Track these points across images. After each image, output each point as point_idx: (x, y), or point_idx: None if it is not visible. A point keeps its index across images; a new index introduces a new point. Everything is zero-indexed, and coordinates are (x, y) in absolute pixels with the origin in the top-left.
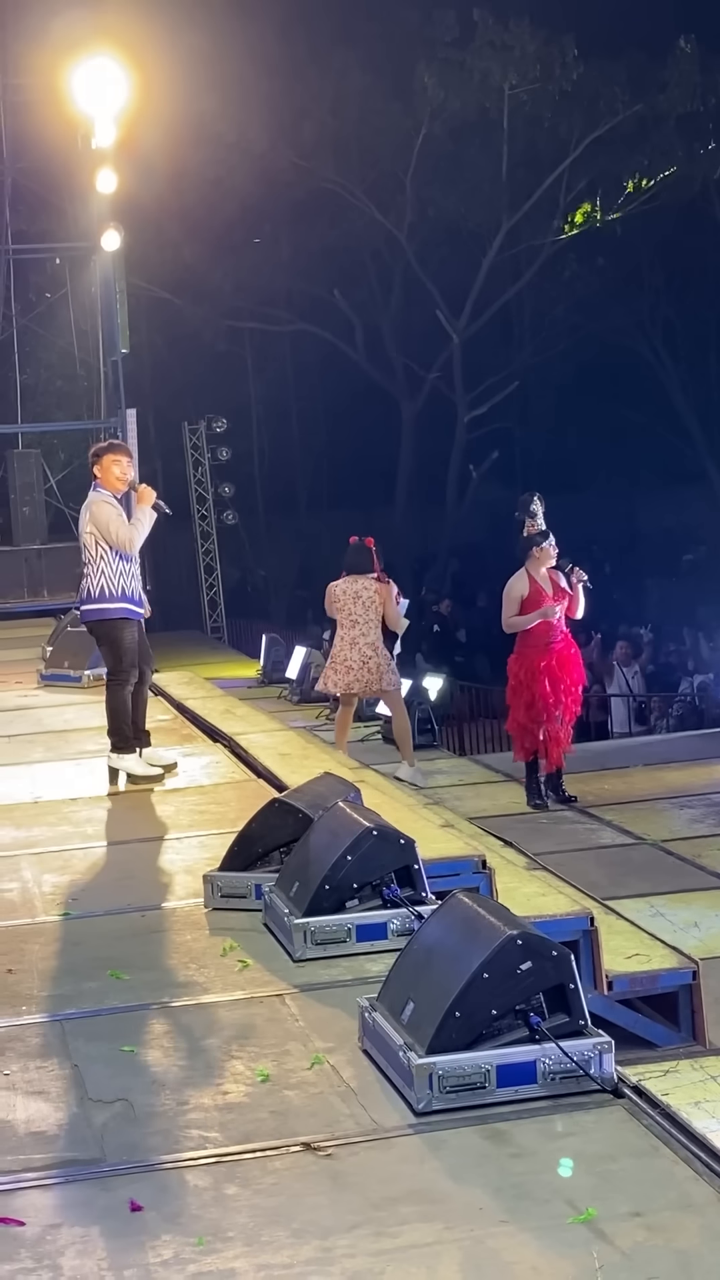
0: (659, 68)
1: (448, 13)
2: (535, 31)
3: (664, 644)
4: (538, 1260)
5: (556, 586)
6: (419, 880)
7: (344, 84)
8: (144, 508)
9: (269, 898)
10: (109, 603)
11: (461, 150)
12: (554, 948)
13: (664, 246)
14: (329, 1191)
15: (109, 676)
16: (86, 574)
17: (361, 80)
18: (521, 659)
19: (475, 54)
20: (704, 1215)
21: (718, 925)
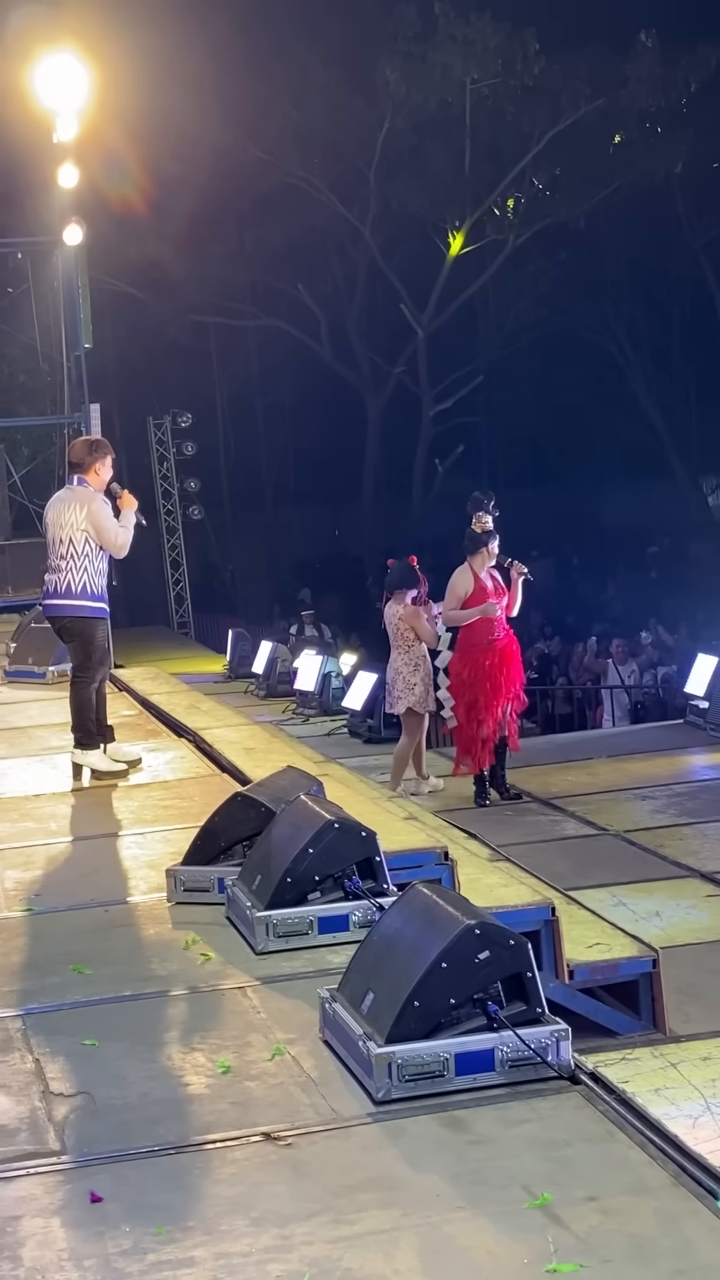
0: (620, 62)
1: (409, 7)
2: (497, 26)
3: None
4: (494, 1245)
5: (497, 584)
6: (380, 872)
7: (306, 78)
8: (128, 512)
9: (232, 891)
10: (90, 600)
11: (424, 144)
12: (511, 937)
13: (627, 240)
14: (289, 1180)
15: (77, 673)
16: (64, 569)
17: (324, 75)
18: (465, 658)
19: (437, 48)
20: (658, 1199)
21: (679, 914)
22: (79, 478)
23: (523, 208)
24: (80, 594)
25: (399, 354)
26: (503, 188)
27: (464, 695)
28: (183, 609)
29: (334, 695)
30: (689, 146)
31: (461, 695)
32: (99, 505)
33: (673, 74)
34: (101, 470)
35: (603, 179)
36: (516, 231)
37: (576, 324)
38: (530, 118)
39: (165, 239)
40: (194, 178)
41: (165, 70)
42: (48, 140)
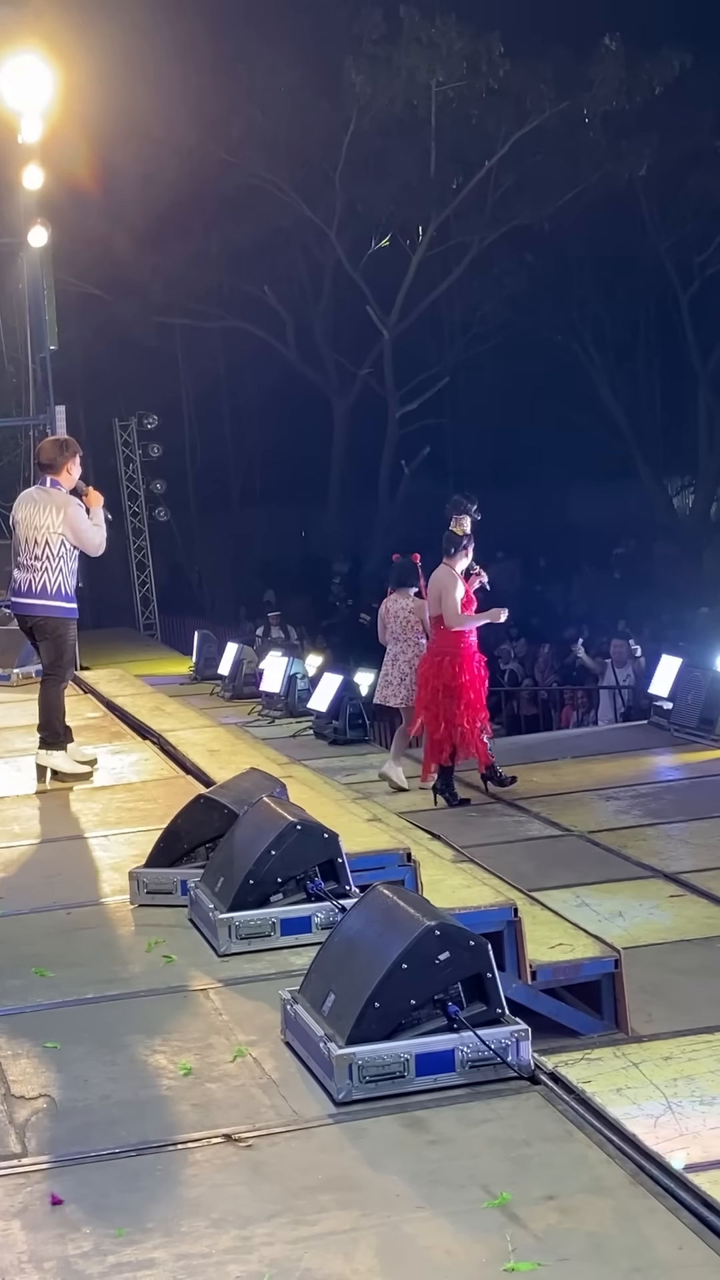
0: (585, 66)
1: (375, 10)
2: (462, 29)
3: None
4: (452, 1244)
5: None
6: (343, 874)
7: (272, 80)
8: (97, 509)
9: (194, 893)
10: (64, 601)
11: (389, 147)
12: (471, 937)
13: (592, 243)
14: (249, 1181)
15: (48, 673)
16: (38, 569)
17: (289, 77)
18: (463, 662)
19: (402, 51)
20: (616, 1198)
21: (642, 914)
22: (51, 479)
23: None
24: (55, 594)
25: (365, 356)
26: (468, 190)
27: (462, 696)
28: (149, 611)
29: (300, 697)
30: (653, 149)
31: (458, 698)
32: (75, 509)
33: (637, 77)
34: (72, 470)
35: (568, 181)
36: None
37: (542, 326)
38: (495, 120)
39: (131, 241)
40: (159, 179)
41: (130, 72)
42: (12, 141)
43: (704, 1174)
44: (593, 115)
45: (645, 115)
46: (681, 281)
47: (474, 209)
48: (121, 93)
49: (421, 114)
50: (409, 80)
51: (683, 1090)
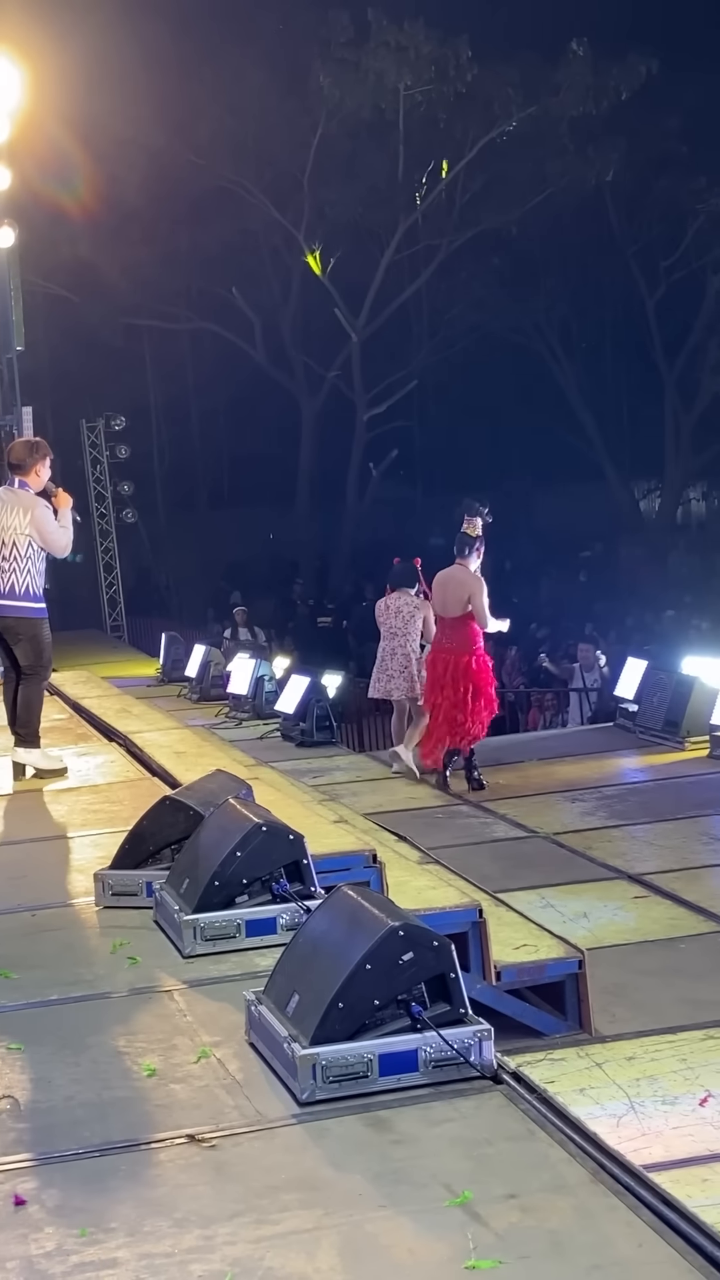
0: (552, 70)
1: (342, 13)
2: (429, 33)
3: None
4: (414, 1243)
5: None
6: (308, 875)
7: (240, 83)
8: (65, 511)
9: (159, 895)
10: (33, 601)
11: (358, 150)
12: (435, 938)
13: (559, 247)
14: (212, 1182)
15: (29, 671)
16: (7, 570)
17: (258, 79)
18: (481, 659)
19: (370, 55)
20: (576, 1196)
21: (606, 915)
22: (20, 480)
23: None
24: (24, 595)
25: (333, 358)
26: (435, 194)
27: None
28: (116, 612)
29: (267, 699)
30: (620, 154)
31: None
32: (42, 511)
33: (604, 82)
34: (41, 471)
35: (535, 186)
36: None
37: (510, 329)
38: (463, 124)
39: (99, 242)
40: (128, 180)
41: (99, 73)
42: None
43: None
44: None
45: (612, 120)
46: (648, 286)
47: (442, 212)
48: (89, 93)
49: (389, 117)
50: (377, 83)
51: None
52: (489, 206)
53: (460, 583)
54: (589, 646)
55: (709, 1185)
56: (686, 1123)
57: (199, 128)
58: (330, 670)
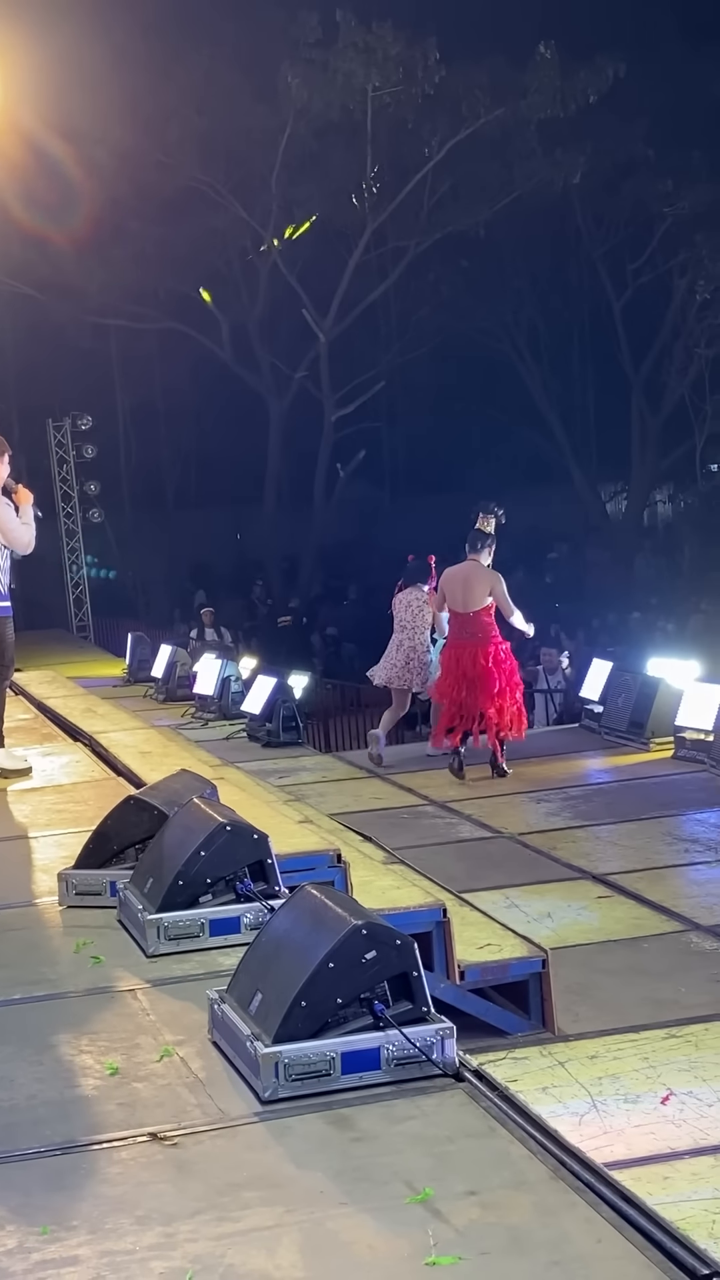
0: (520, 73)
1: (311, 14)
2: (397, 34)
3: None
4: (374, 1239)
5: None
6: (272, 874)
7: (209, 83)
8: (26, 507)
9: (123, 894)
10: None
11: (326, 151)
12: (397, 937)
13: (527, 250)
14: (174, 1179)
15: None
16: None
17: (226, 79)
18: (506, 648)
19: (338, 55)
20: (536, 1192)
21: (570, 915)
22: None
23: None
24: None
25: (301, 358)
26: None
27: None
28: (82, 612)
29: (233, 699)
30: (588, 157)
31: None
32: (2, 508)
33: (571, 86)
34: (1, 469)
35: (503, 188)
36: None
37: (477, 331)
38: (431, 126)
39: (66, 241)
40: (95, 179)
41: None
42: None
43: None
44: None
45: (580, 123)
46: (615, 289)
47: (410, 213)
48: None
49: (358, 118)
50: (345, 84)
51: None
52: (457, 208)
53: (480, 578)
54: (552, 651)
55: (670, 1183)
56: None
57: (168, 128)
58: (296, 671)
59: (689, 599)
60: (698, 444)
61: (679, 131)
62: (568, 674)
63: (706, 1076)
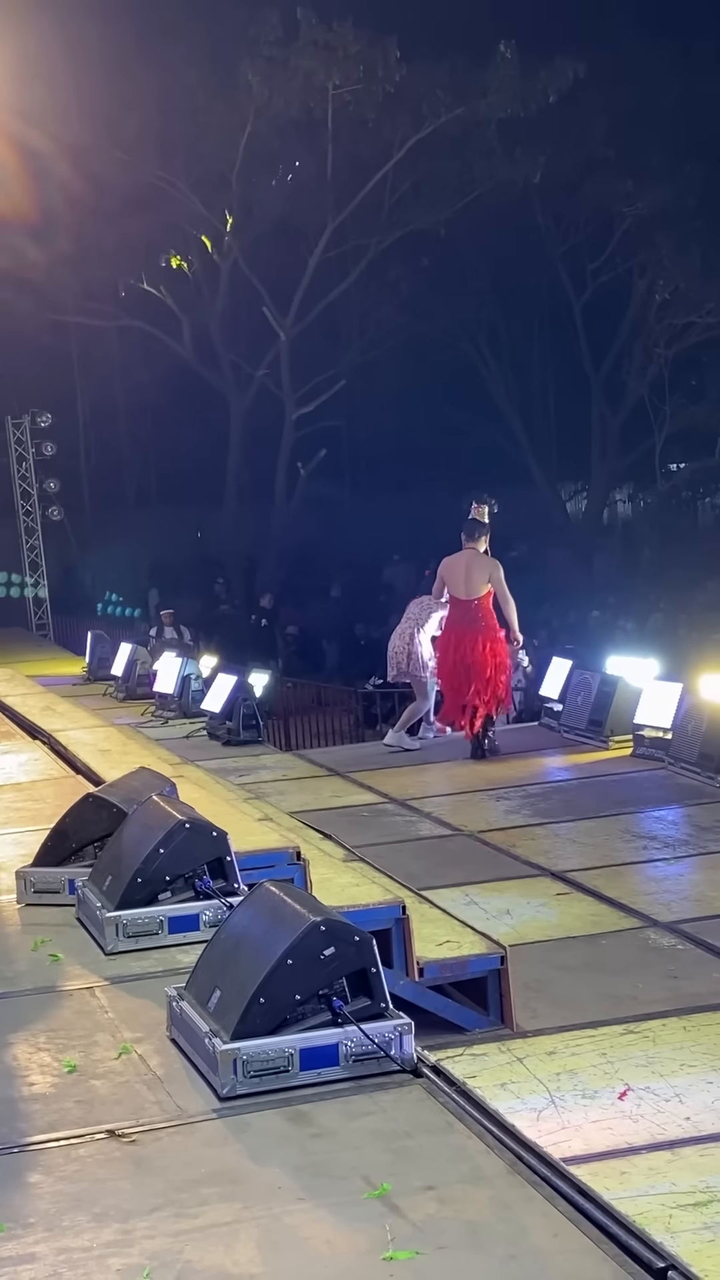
0: (480, 72)
1: (272, 12)
2: (358, 33)
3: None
4: (332, 1235)
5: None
6: (231, 872)
7: (169, 79)
8: None
9: (82, 892)
10: None
11: (287, 149)
12: (356, 933)
13: (487, 249)
14: (132, 1176)
15: None
16: None
17: (186, 76)
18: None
19: (299, 53)
20: (494, 1187)
21: (529, 912)
22: None
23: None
24: None
25: (262, 357)
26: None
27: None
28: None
29: (193, 698)
30: (548, 157)
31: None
32: None
33: (532, 85)
34: None
35: (463, 187)
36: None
37: (438, 330)
38: (392, 125)
39: (25, 237)
40: (54, 176)
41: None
42: None
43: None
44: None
45: (540, 123)
46: (575, 288)
47: (371, 212)
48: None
49: (318, 116)
50: (306, 83)
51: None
52: (418, 207)
53: (481, 564)
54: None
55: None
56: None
57: (127, 124)
58: (257, 669)
59: (648, 597)
60: (657, 444)
61: (638, 132)
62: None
63: (663, 1072)
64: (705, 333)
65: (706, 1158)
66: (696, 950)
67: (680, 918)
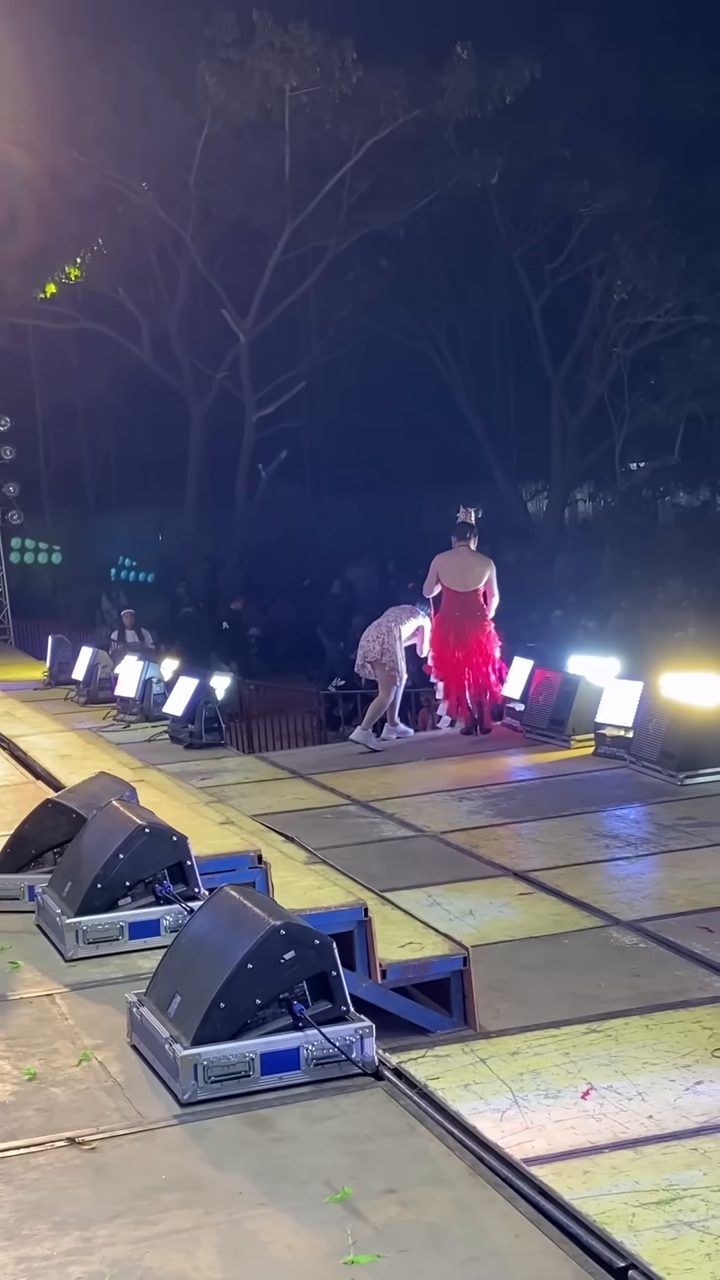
0: (437, 73)
1: (228, 13)
2: (315, 34)
3: None
4: (293, 1239)
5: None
6: (191, 876)
7: (125, 82)
8: None
9: (42, 899)
10: None
11: (244, 151)
12: (316, 937)
13: (446, 250)
14: (92, 1184)
15: None
16: None
17: (143, 78)
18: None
19: (255, 55)
20: (455, 1189)
21: (492, 912)
22: None
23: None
24: None
25: (221, 359)
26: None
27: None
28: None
29: (155, 701)
30: (505, 158)
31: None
32: None
33: (488, 86)
34: None
35: (421, 188)
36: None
37: (397, 331)
38: (349, 126)
39: None
40: (9, 179)
41: None
42: None
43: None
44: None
45: (497, 124)
46: (534, 289)
47: (329, 213)
48: None
49: (276, 118)
50: (262, 84)
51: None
52: (376, 208)
53: (477, 559)
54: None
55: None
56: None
57: (83, 126)
58: (219, 672)
59: (610, 596)
60: (616, 443)
61: (595, 133)
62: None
63: (626, 1070)
64: (663, 332)
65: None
66: (658, 948)
67: (642, 916)
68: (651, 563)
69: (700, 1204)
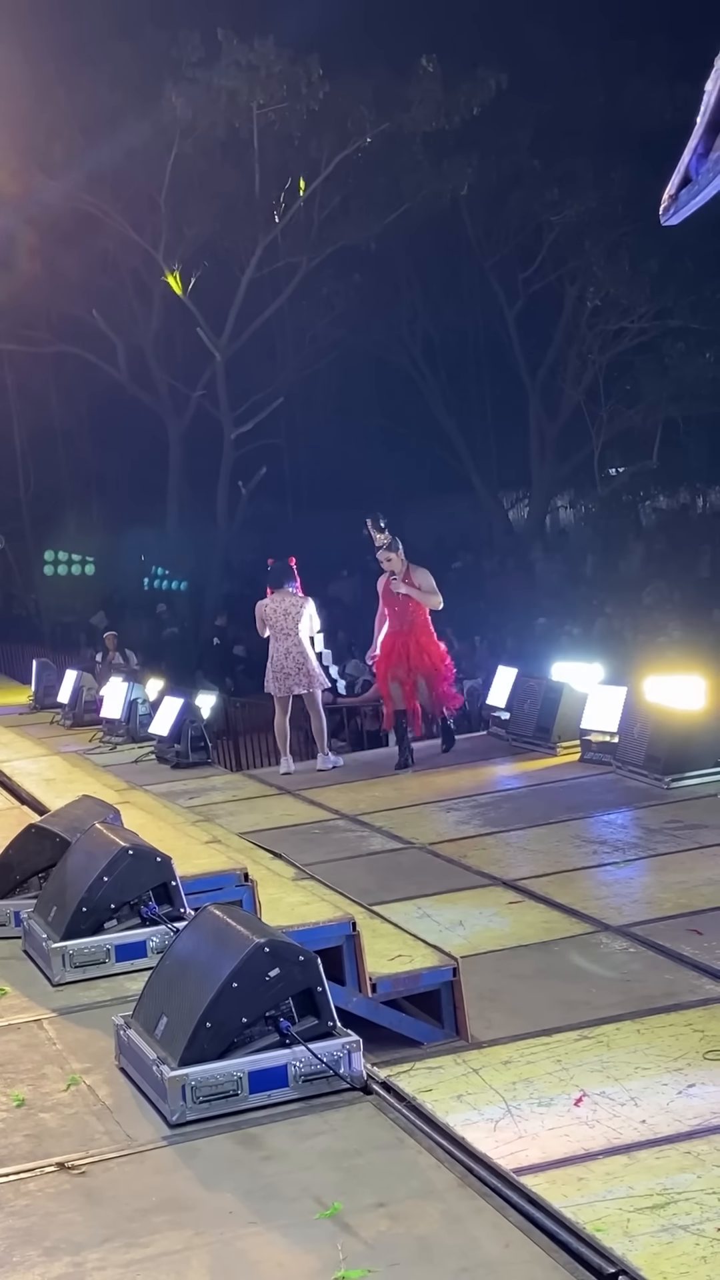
0: (403, 86)
1: (193, 33)
2: (280, 51)
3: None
4: (284, 1257)
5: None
6: (177, 897)
7: (92, 104)
8: None
9: (28, 924)
10: None
11: (214, 169)
12: (301, 953)
13: (418, 262)
14: (82, 1208)
15: None
16: None
17: (110, 100)
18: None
19: (222, 74)
20: (445, 1201)
21: (482, 922)
22: None
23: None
24: None
25: (198, 378)
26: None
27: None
28: None
29: (141, 722)
30: (474, 169)
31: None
32: None
33: (455, 98)
34: None
35: (392, 202)
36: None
37: (373, 344)
38: (317, 142)
39: None
40: None
41: None
42: None
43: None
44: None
45: (465, 135)
46: (507, 298)
47: (300, 229)
48: None
49: (244, 136)
50: (230, 102)
51: (521, 1093)
52: (347, 222)
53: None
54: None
55: (584, 1184)
56: (562, 1123)
57: (52, 149)
58: (204, 690)
59: (593, 602)
60: (595, 449)
61: (563, 140)
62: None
63: (618, 1076)
64: (637, 337)
65: (662, 1160)
66: (648, 953)
67: (631, 920)
68: (634, 567)
69: (695, 1207)
